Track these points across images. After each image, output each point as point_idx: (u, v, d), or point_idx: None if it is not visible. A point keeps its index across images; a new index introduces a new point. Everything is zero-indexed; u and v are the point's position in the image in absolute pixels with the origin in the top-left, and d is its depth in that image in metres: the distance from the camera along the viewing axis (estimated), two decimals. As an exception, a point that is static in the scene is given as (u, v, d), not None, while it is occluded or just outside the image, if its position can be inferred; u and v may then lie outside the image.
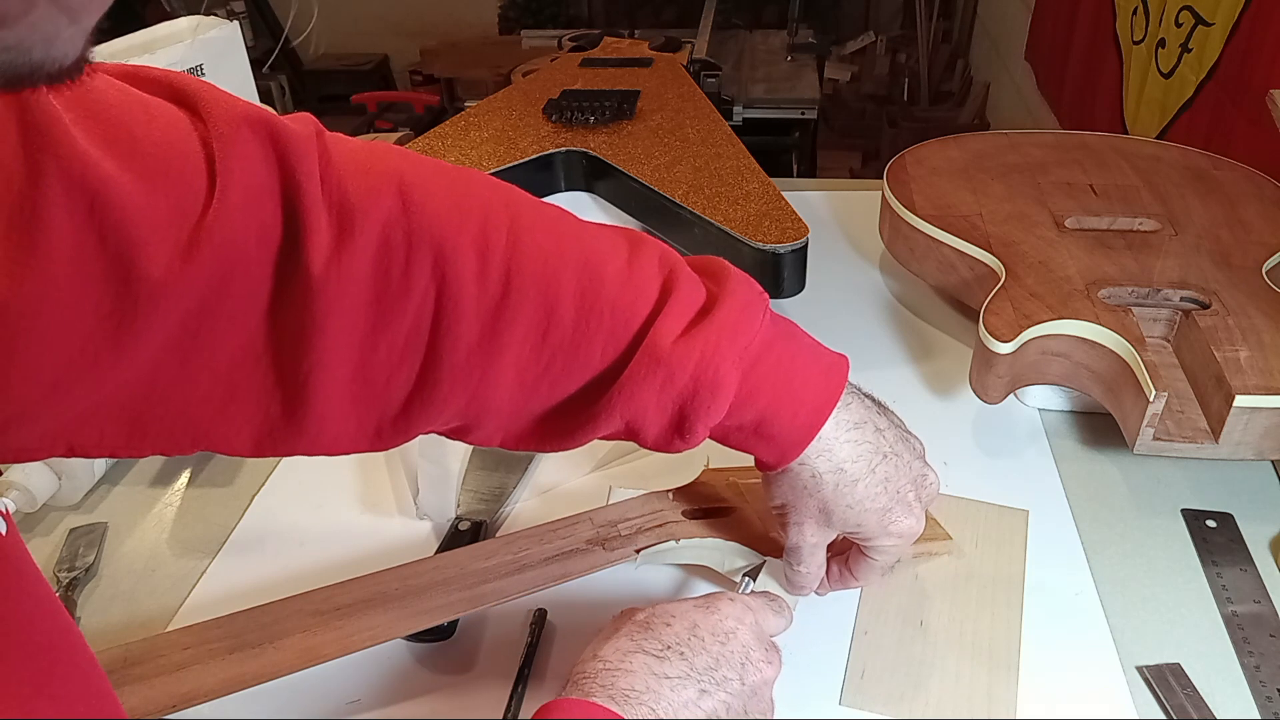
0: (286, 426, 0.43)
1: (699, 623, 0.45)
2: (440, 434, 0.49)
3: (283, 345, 0.42)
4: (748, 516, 0.59)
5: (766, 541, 0.57)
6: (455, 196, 0.45)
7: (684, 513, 0.58)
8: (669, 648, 0.43)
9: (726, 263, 0.50)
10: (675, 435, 0.47)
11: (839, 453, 0.48)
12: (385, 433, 0.46)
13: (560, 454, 0.69)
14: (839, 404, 0.48)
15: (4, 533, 0.29)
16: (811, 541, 0.52)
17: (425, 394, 0.45)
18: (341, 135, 0.45)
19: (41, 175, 0.34)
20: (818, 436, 0.48)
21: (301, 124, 0.42)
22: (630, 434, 0.48)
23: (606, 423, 0.47)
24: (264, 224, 0.40)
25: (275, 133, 0.41)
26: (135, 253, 0.36)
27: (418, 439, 0.68)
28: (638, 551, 0.55)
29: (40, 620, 0.30)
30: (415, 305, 0.43)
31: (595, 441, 0.50)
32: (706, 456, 0.62)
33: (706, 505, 0.59)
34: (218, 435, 0.43)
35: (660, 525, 0.57)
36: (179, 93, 0.40)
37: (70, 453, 0.41)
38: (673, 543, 0.56)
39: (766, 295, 0.49)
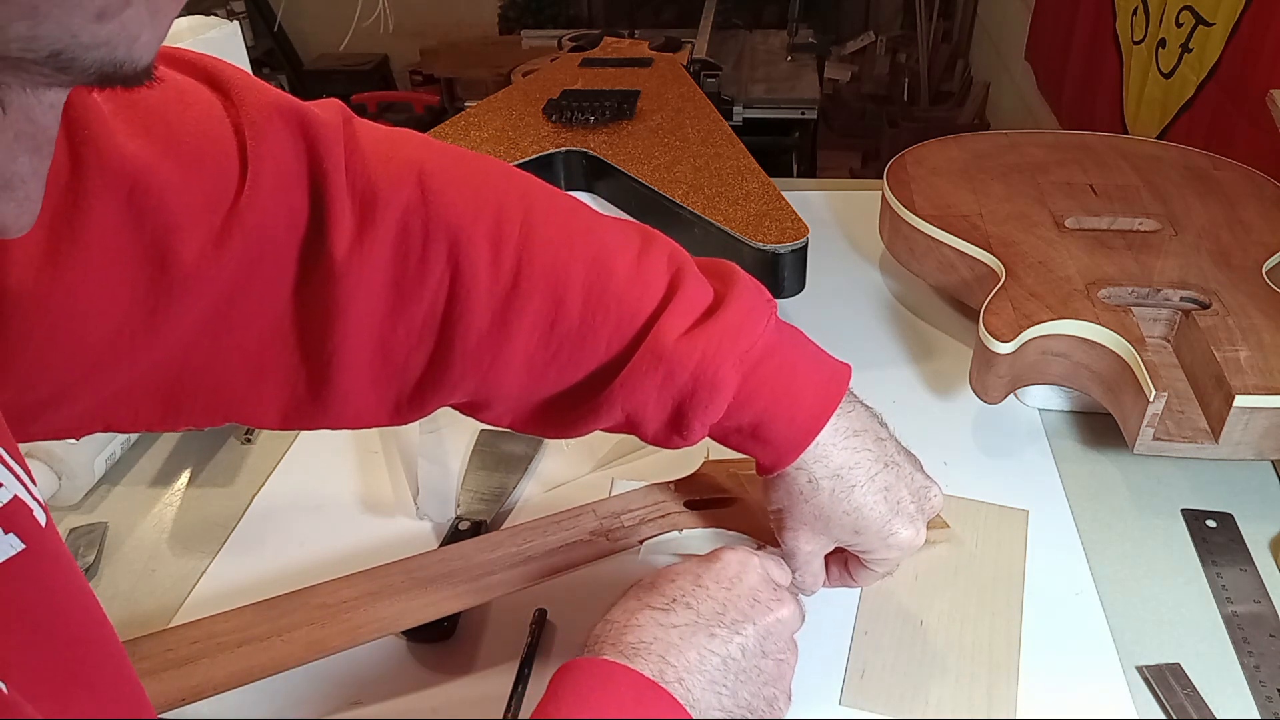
0: (312, 401, 0.45)
1: (702, 574, 0.46)
2: (455, 408, 0.50)
3: (308, 326, 0.43)
4: (749, 506, 0.59)
5: (768, 531, 0.57)
6: (472, 186, 0.46)
7: (686, 503, 0.59)
8: (674, 600, 0.44)
9: (736, 266, 0.50)
10: (673, 431, 0.48)
11: (836, 459, 0.48)
12: (403, 408, 0.48)
13: (560, 455, 0.69)
14: (838, 411, 0.48)
15: (45, 523, 0.29)
16: (806, 549, 0.51)
17: (439, 375, 0.46)
18: (368, 121, 0.46)
19: (83, 166, 0.35)
20: (815, 442, 0.48)
21: (329, 111, 0.44)
22: (630, 427, 0.49)
23: (608, 414, 0.48)
24: (292, 210, 0.42)
25: (305, 121, 0.42)
26: (171, 238, 0.38)
27: (417, 439, 0.68)
28: (641, 542, 0.55)
29: (77, 610, 0.31)
30: (431, 291, 0.44)
31: (596, 441, 0.50)
32: (707, 449, 0.62)
33: (708, 496, 0.59)
34: (248, 410, 0.45)
35: (663, 516, 0.57)
36: (213, 77, 0.42)
37: (107, 429, 0.42)
38: (676, 533, 0.56)
39: (774, 301, 0.49)
